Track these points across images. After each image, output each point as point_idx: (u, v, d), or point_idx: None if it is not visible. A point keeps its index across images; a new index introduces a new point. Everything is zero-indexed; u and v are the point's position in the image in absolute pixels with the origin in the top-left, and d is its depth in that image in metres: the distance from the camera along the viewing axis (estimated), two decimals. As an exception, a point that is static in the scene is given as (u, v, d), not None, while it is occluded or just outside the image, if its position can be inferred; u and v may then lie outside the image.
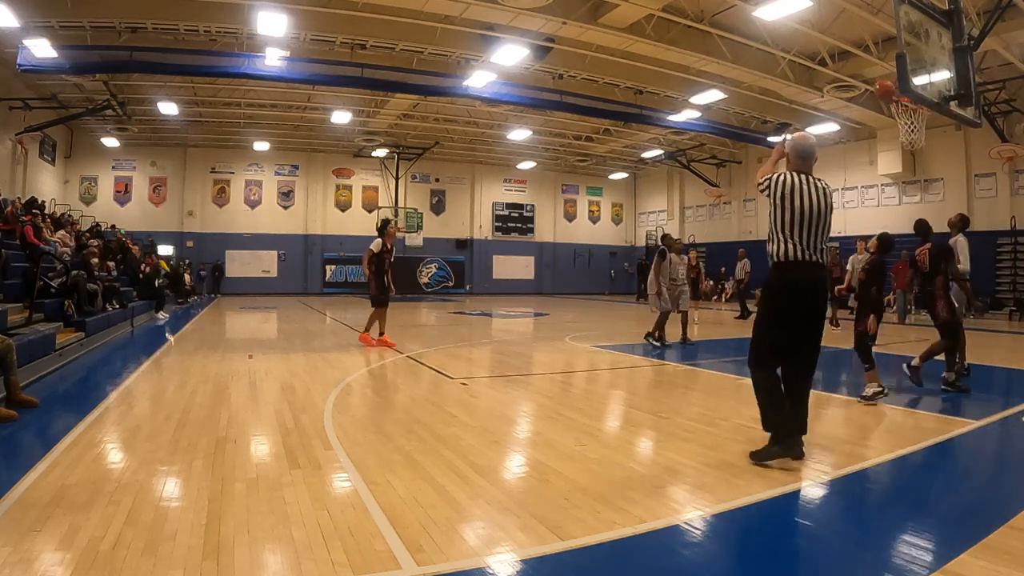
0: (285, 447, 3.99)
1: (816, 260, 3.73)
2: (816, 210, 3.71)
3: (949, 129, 18.37)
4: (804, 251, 3.69)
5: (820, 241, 3.76)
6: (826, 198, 3.79)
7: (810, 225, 3.69)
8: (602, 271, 32.80)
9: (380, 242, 9.23)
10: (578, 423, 4.78)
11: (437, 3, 12.83)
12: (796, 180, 3.74)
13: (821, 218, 3.73)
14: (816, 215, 3.71)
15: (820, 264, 3.76)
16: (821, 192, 3.78)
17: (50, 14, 13.01)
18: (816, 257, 3.73)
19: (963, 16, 6.21)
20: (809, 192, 3.72)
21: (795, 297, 3.72)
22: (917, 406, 5.64)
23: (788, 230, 3.72)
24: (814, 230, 3.71)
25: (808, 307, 3.74)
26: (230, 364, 7.54)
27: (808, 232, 3.70)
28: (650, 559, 2.55)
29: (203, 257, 25.42)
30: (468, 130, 24.27)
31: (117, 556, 2.42)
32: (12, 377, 4.89)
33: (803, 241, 3.69)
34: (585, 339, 10.82)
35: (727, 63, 14.90)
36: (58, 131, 21.31)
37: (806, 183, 3.75)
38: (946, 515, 3.04)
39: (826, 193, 3.82)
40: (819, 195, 3.75)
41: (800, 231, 3.69)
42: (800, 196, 3.70)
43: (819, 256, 3.74)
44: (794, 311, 3.73)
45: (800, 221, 3.69)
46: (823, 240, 3.78)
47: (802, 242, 3.69)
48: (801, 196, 3.70)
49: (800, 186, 3.73)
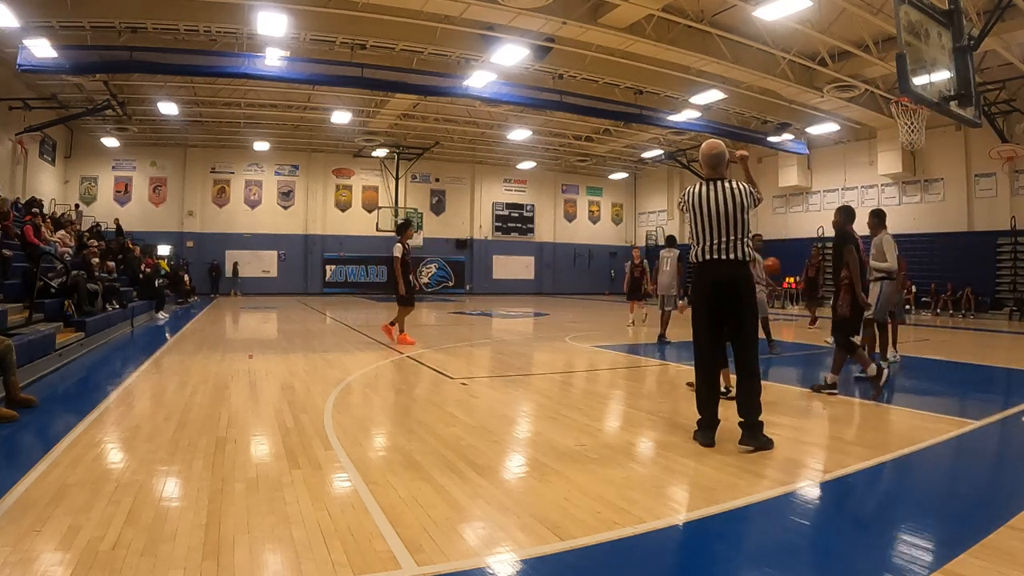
0: (285, 447, 3.99)
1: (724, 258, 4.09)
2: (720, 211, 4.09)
3: (949, 129, 18.37)
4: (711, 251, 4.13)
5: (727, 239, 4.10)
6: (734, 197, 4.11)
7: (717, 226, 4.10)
8: (602, 271, 32.77)
9: (400, 246, 9.32)
10: (578, 423, 4.78)
11: (437, 3, 12.83)
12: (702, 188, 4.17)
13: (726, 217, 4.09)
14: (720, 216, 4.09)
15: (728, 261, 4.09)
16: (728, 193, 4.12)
17: (50, 14, 13.00)
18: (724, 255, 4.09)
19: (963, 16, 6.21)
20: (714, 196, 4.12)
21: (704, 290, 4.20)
22: (917, 406, 5.63)
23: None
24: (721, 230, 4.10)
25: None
26: (230, 364, 7.54)
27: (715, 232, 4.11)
28: (650, 559, 2.55)
29: (204, 257, 25.42)
30: (468, 130, 24.26)
31: (117, 556, 2.42)
32: (12, 377, 4.89)
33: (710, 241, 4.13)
34: (585, 339, 10.82)
35: (727, 63, 14.90)
36: (58, 131, 21.30)
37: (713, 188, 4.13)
38: (946, 515, 3.04)
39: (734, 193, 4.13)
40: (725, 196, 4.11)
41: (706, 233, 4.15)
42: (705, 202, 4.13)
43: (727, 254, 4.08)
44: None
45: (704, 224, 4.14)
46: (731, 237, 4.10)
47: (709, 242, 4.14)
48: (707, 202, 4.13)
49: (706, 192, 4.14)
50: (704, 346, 4.19)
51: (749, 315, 4.17)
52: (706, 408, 4.16)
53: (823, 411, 5.36)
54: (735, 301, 4.08)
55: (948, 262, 18.62)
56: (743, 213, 4.08)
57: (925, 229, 19.06)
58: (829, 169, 22.70)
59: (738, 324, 4.11)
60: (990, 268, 17.98)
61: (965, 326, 14.97)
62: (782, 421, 4.93)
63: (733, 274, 4.07)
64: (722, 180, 4.14)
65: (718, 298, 4.10)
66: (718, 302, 4.10)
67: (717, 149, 4.25)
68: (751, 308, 4.18)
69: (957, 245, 18.69)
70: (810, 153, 23.20)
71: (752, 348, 4.17)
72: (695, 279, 4.24)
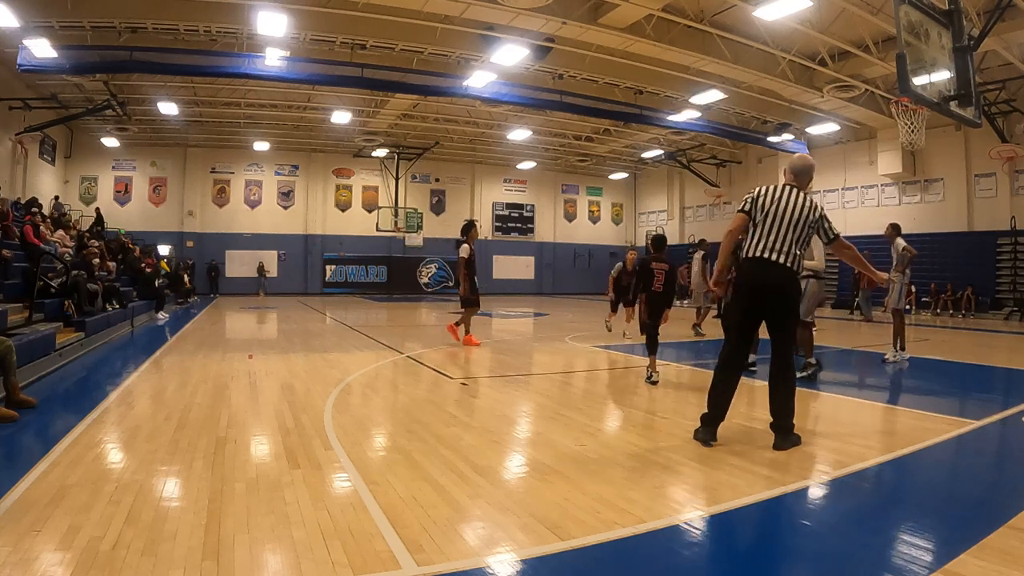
0: (285, 447, 3.99)
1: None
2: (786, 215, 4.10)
3: (949, 129, 18.37)
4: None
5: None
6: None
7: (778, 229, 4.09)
8: (602, 271, 32.60)
9: (467, 247, 9.44)
10: (578, 423, 4.78)
11: (437, 3, 12.83)
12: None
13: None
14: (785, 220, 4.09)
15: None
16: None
17: (50, 14, 13.01)
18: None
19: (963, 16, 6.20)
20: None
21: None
22: (917, 406, 5.64)
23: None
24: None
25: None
26: (230, 364, 7.54)
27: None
28: (650, 559, 2.55)
29: (204, 257, 25.42)
30: (468, 130, 24.26)
31: (117, 556, 2.42)
32: (12, 378, 4.88)
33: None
34: (585, 339, 10.82)
35: (727, 63, 14.90)
36: (58, 131, 21.29)
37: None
38: (946, 515, 3.04)
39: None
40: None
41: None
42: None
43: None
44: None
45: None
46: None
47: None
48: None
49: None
50: (734, 343, 4.18)
51: (792, 317, 4.18)
52: (716, 405, 4.12)
53: (821, 411, 5.36)
54: (780, 305, 4.08)
55: (948, 262, 18.61)
56: (810, 231, 4.11)
57: (925, 229, 19.04)
58: (829, 169, 22.66)
59: (779, 324, 4.11)
60: (990, 268, 17.98)
61: (965, 326, 14.97)
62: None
63: (781, 278, 4.03)
64: (801, 191, 4.17)
65: (760, 298, 4.08)
66: (759, 302, 4.09)
67: (808, 163, 4.35)
68: (795, 312, 4.20)
69: (957, 245, 18.68)
70: (810, 153, 23.21)
71: (791, 348, 4.17)
72: (741, 275, 4.23)
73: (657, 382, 6.41)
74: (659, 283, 6.48)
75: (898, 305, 8.34)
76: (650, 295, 6.47)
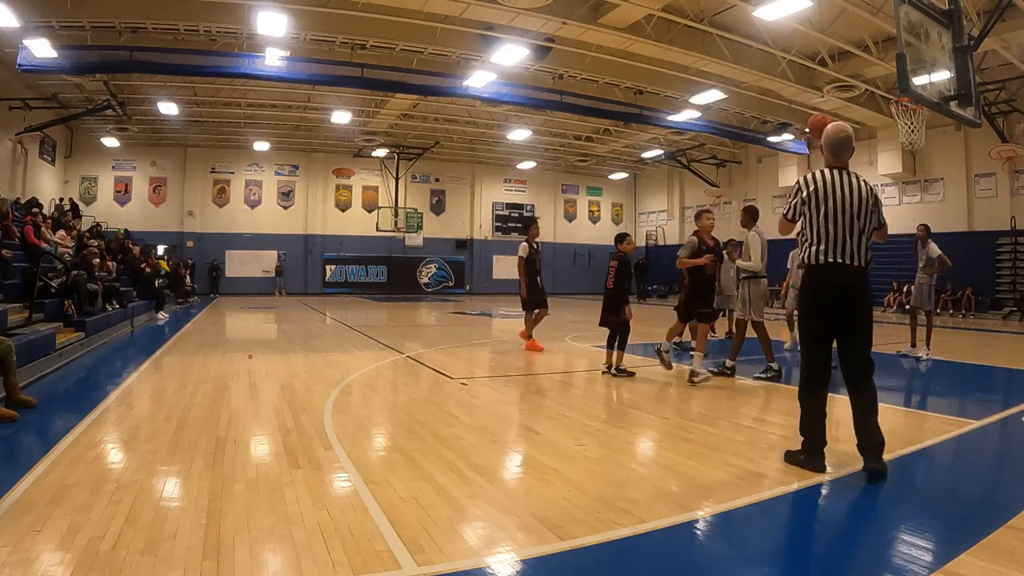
0: (285, 447, 3.99)
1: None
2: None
3: (949, 129, 18.37)
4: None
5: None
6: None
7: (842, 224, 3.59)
8: (602, 271, 32.43)
9: (525, 245, 9.05)
10: (578, 423, 4.78)
11: (437, 3, 12.83)
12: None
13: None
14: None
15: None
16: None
17: (50, 14, 13.01)
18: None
19: (963, 16, 6.20)
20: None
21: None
22: (917, 406, 5.63)
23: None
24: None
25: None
26: (230, 364, 7.54)
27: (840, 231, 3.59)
28: (650, 559, 2.55)
29: (204, 257, 25.40)
30: (468, 130, 24.26)
31: (117, 556, 2.42)
32: (12, 378, 4.88)
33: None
34: (585, 339, 10.82)
35: (727, 63, 14.90)
36: (58, 131, 21.30)
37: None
38: (946, 515, 3.04)
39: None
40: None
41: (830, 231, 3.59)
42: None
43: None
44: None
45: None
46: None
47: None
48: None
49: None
50: (818, 362, 3.64)
51: (867, 326, 3.64)
52: (815, 431, 3.61)
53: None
54: (854, 312, 3.57)
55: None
56: (874, 213, 3.59)
57: (925, 229, 19.04)
58: (829, 169, 22.68)
59: (853, 335, 3.59)
60: (990, 268, 17.97)
61: (965, 326, 14.97)
62: (777, 420, 4.94)
63: (856, 281, 3.54)
64: (848, 170, 3.63)
65: (838, 307, 3.56)
66: (838, 312, 3.56)
67: (844, 133, 3.69)
68: (870, 319, 3.66)
69: (957, 245, 18.61)
70: (810, 153, 23.20)
71: (871, 367, 3.59)
72: (812, 283, 3.64)
73: (623, 374, 6.72)
74: (610, 279, 6.71)
75: (928, 306, 8.68)
76: (605, 292, 6.91)
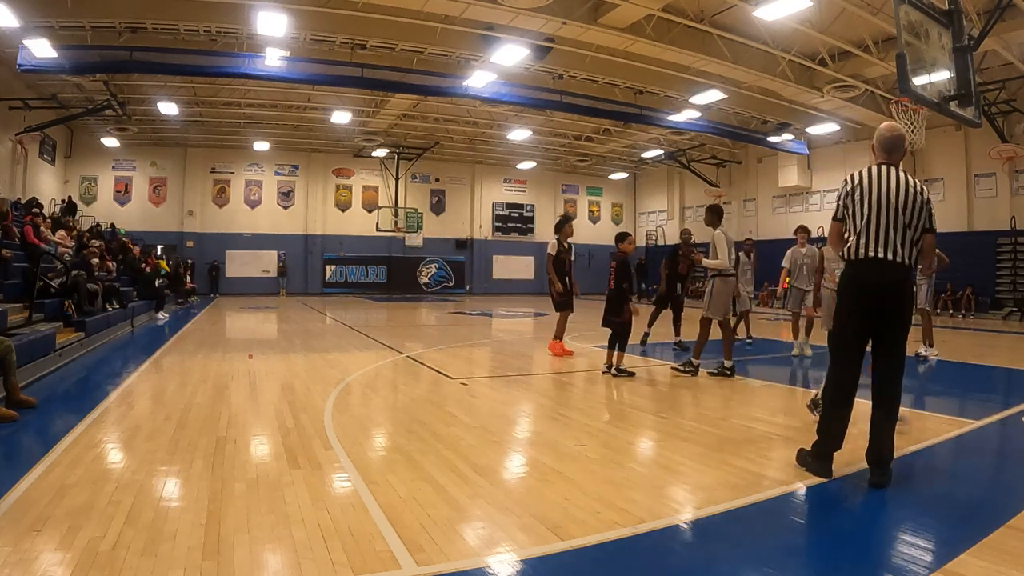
0: (285, 447, 3.99)
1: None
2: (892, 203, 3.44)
3: (949, 129, 18.37)
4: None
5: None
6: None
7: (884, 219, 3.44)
8: (602, 271, 32.39)
9: (555, 243, 8.55)
10: (578, 423, 4.78)
11: (437, 3, 12.82)
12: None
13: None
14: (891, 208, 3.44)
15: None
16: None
17: (50, 14, 13.00)
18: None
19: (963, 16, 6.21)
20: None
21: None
22: (917, 406, 5.63)
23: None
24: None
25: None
26: (230, 364, 7.54)
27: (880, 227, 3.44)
28: (650, 559, 2.55)
29: (204, 257, 25.39)
30: (468, 130, 24.26)
31: (117, 556, 2.42)
32: (12, 378, 4.88)
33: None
34: (585, 339, 10.82)
35: (727, 63, 14.89)
36: (58, 131, 21.29)
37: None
38: (946, 515, 3.04)
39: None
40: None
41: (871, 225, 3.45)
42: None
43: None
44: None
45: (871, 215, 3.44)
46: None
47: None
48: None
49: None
50: (847, 362, 3.50)
51: (906, 327, 3.47)
52: (834, 436, 3.51)
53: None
54: (894, 314, 3.40)
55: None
56: (923, 214, 3.41)
57: (925, 229, 19.05)
58: (829, 169, 22.68)
59: (892, 342, 3.42)
60: (990, 268, 17.97)
61: (965, 326, 14.97)
62: (778, 420, 4.94)
63: (899, 279, 3.38)
64: (899, 169, 3.51)
65: (877, 306, 3.40)
66: (876, 312, 3.40)
67: (897, 132, 3.61)
68: (908, 324, 3.48)
69: (957, 245, 18.67)
70: (810, 153, 23.22)
71: (902, 373, 3.47)
72: (850, 279, 3.50)
73: (623, 375, 6.73)
74: (611, 280, 6.74)
75: (925, 304, 8.89)
76: (607, 292, 6.90)
